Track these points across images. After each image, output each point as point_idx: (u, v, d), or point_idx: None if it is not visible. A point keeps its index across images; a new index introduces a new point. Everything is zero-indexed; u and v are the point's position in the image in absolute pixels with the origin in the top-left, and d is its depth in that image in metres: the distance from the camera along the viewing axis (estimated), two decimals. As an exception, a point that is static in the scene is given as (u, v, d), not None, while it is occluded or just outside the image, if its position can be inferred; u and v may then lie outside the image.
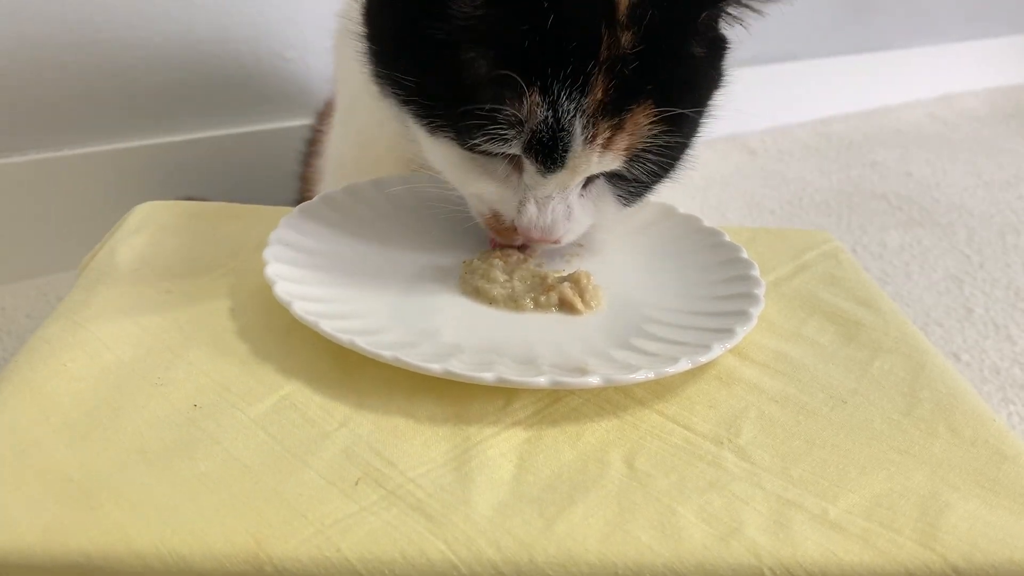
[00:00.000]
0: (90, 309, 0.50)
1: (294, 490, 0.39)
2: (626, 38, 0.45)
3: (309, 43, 1.13)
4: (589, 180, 0.51)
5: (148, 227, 0.60)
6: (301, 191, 0.92)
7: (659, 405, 0.46)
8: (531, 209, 0.51)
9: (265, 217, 0.61)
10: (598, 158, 0.48)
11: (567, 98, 0.45)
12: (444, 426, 0.43)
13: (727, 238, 0.58)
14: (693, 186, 1.41)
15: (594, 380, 0.43)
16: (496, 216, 0.53)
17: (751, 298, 0.51)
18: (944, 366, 0.51)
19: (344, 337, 0.44)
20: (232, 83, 1.11)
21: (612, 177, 0.52)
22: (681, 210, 0.61)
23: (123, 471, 0.39)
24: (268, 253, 0.51)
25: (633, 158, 0.49)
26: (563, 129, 0.46)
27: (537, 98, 0.45)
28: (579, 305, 0.49)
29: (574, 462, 0.41)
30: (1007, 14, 1.96)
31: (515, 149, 0.48)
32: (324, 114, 0.88)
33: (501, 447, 0.42)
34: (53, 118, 1.00)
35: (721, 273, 0.54)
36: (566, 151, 0.47)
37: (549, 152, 0.47)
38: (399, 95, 0.50)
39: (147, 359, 0.47)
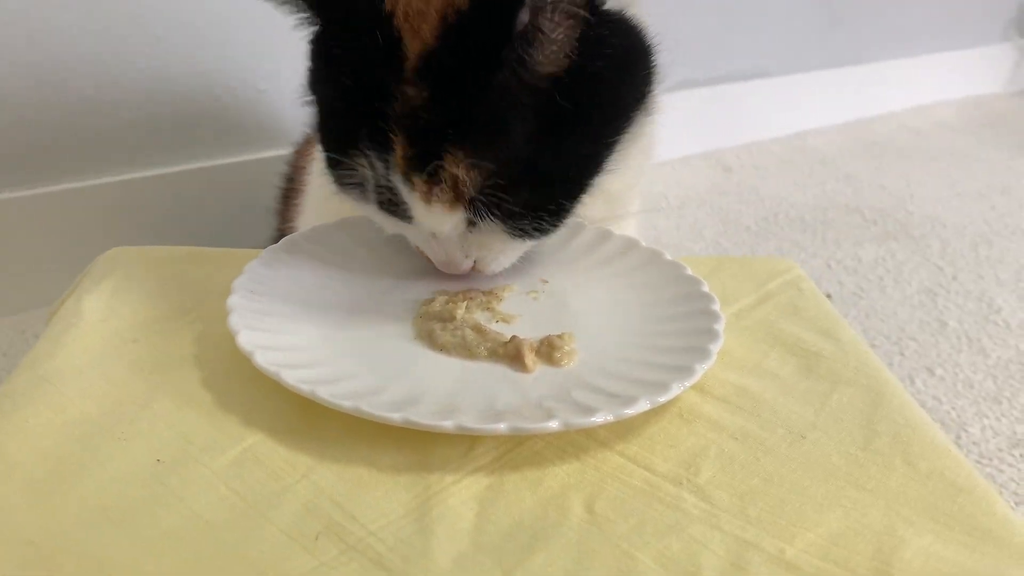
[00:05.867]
0: (54, 362, 0.51)
1: (255, 547, 0.39)
2: (415, 92, 0.46)
3: (283, 74, 1.13)
4: (473, 219, 0.50)
5: (115, 274, 0.60)
6: (279, 227, 0.92)
7: (620, 445, 0.46)
8: (429, 248, 0.55)
9: (233, 261, 0.61)
10: (429, 211, 0.49)
11: (377, 157, 0.48)
12: (406, 475, 0.43)
13: (688, 271, 0.58)
14: (668, 204, 1.43)
15: (553, 425, 0.43)
16: (421, 251, 0.57)
17: (711, 334, 0.51)
18: (902, 396, 0.51)
19: (305, 387, 0.45)
20: (207, 116, 1.11)
21: (491, 219, 0.50)
22: (644, 243, 0.62)
23: (85, 531, 0.39)
24: (231, 301, 0.51)
25: (479, 205, 0.49)
26: (386, 186, 0.49)
27: (361, 160, 0.49)
28: (528, 362, 0.50)
29: (535, 509, 0.42)
30: (976, 25, 1.99)
31: (373, 206, 0.52)
32: (301, 151, 0.88)
33: (462, 495, 0.42)
34: (27, 156, 1.00)
35: (681, 308, 0.55)
36: (404, 206, 0.50)
37: (392, 206, 0.51)
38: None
39: (112, 413, 0.47)
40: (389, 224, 0.54)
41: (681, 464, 0.45)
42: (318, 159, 0.72)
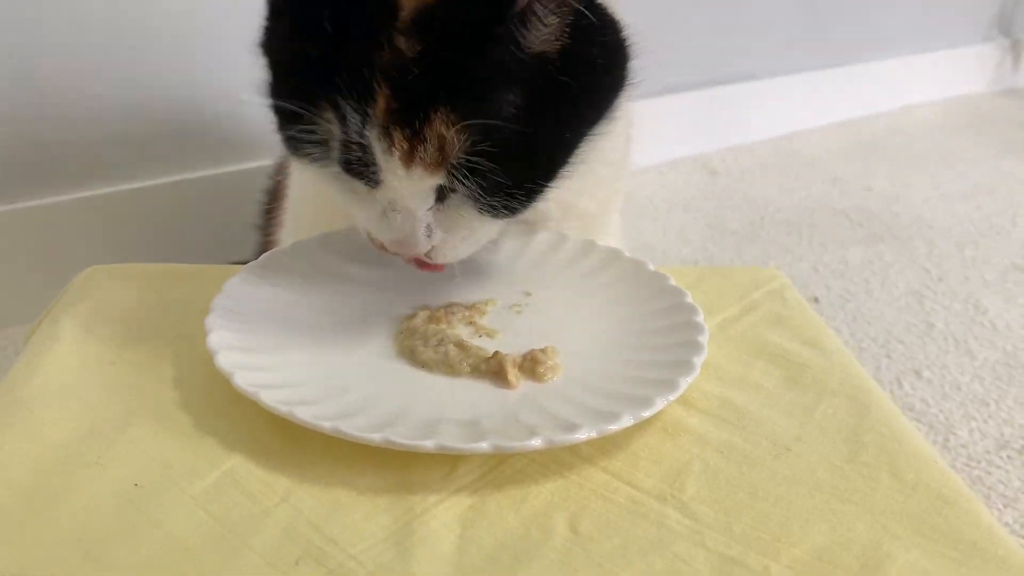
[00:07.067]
0: (31, 386, 0.50)
1: (234, 573, 0.38)
2: (407, 44, 0.45)
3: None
4: (443, 193, 0.50)
5: (93, 294, 0.59)
6: (262, 240, 0.91)
7: (604, 461, 0.46)
8: (386, 225, 0.51)
9: (212, 278, 0.60)
10: (405, 172, 0.47)
11: (353, 110, 0.45)
12: (386, 496, 0.43)
13: (672, 282, 0.58)
14: (655, 209, 1.43)
15: (536, 443, 0.43)
16: (369, 233, 0.53)
17: (694, 346, 0.51)
18: (888, 406, 0.51)
19: (284, 408, 0.44)
20: (187, 128, 1.11)
21: (468, 189, 0.48)
22: (627, 253, 0.62)
23: (60, 562, 0.38)
24: (210, 321, 0.51)
25: (458, 173, 0.47)
26: (357, 143, 0.47)
27: (329, 114, 0.46)
28: (511, 378, 0.49)
29: (518, 529, 0.41)
30: (960, 25, 2.00)
31: (335, 168, 0.49)
32: (283, 165, 0.88)
33: (444, 516, 0.42)
34: (8, 171, 0.99)
35: (665, 320, 0.55)
36: (374, 165, 0.47)
37: (360, 168, 0.48)
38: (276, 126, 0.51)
39: (88, 437, 0.46)
40: (345, 196, 0.52)
41: (665, 480, 0.45)
42: (296, 169, 0.72)
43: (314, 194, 0.68)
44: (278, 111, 0.50)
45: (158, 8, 1.02)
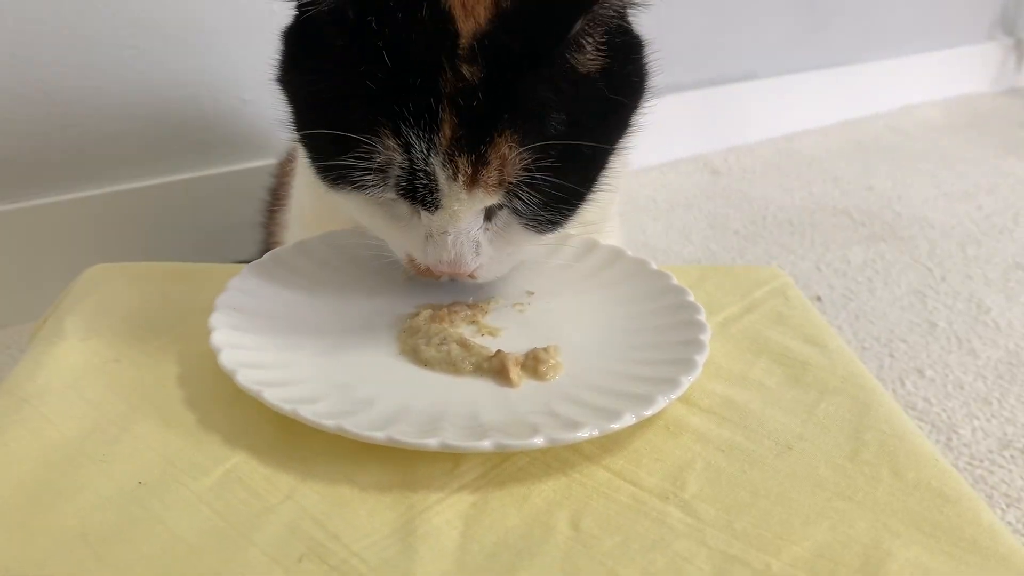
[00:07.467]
0: (35, 384, 0.50)
1: (237, 570, 0.38)
2: (470, 71, 0.46)
3: (268, 85, 1.13)
4: (491, 212, 0.51)
5: (97, 292, 0.59)
6: (265, 239, 0.91)
7: (606, 460, 0.46)
8: (433, 246, 0.51)
9: (215, 277, 0.61)
10: (467, 195, 0.48)
11: (418, 138, 0.46)
12: (390, 493, 0.43)
13: (674, 281, 0.58)
14: (657, 208, 1.43)
15: (538, 441, 0.43)
16: (411, 258, 0.54)
17: (697, 345, 0.51)
18: (889, 404, 0.51)
19: (287, 407, 0.44)
20: (191, 127, 1.11)
21: (513, 207, 0.50)
22: (630, 253, 0.62)
23: (63, 559, 0.39)
24: (213, 319, 0.51)
25: (515, 191, 0.49)
26: (422, 169, 0.47)
27: (391, 142, 0.47)
28: (513, 377, 0.49)
29: (519, 527, 0.41)
30: (962, 25, 2.00)
31: (391, 194, 0.49)
32: (285, 165, 0.88)
33: (447, 514, 0.42)
34: (9, 169, 0.99)
35: (667, 319, 0.55)
36: (435, 191, 0.48)
37: (421, 193, 0.48)
38: (309, 157, 0.53)
39: (92, 435, 0.46)
40: (387, 223, 0.53)
41: (667, 478, 0.45)
42: (300, 171, 0.73)
43: (318, 195, 0.68)
44: (323, 141, 0.50)
45: (159, 8, 1.02)
